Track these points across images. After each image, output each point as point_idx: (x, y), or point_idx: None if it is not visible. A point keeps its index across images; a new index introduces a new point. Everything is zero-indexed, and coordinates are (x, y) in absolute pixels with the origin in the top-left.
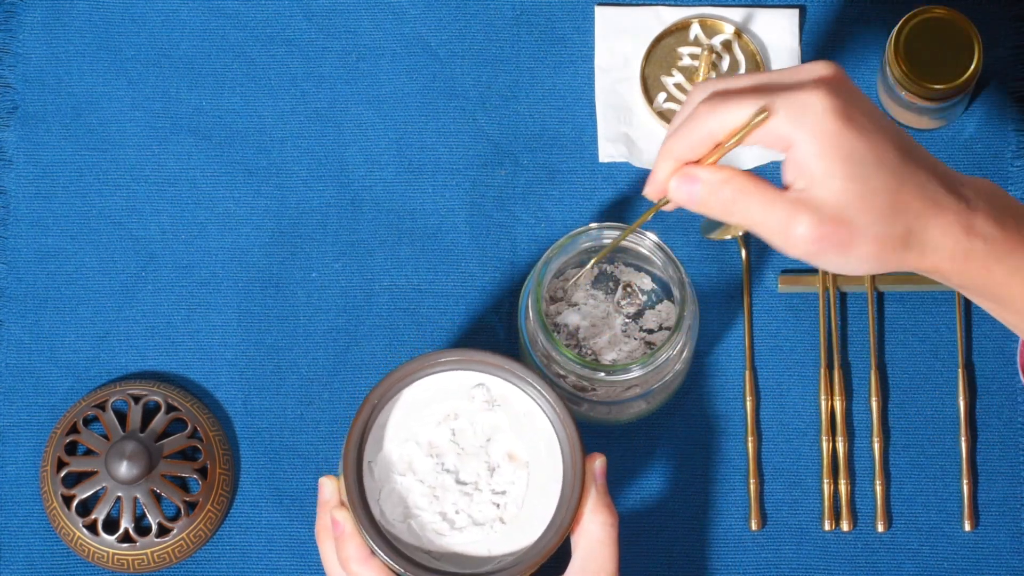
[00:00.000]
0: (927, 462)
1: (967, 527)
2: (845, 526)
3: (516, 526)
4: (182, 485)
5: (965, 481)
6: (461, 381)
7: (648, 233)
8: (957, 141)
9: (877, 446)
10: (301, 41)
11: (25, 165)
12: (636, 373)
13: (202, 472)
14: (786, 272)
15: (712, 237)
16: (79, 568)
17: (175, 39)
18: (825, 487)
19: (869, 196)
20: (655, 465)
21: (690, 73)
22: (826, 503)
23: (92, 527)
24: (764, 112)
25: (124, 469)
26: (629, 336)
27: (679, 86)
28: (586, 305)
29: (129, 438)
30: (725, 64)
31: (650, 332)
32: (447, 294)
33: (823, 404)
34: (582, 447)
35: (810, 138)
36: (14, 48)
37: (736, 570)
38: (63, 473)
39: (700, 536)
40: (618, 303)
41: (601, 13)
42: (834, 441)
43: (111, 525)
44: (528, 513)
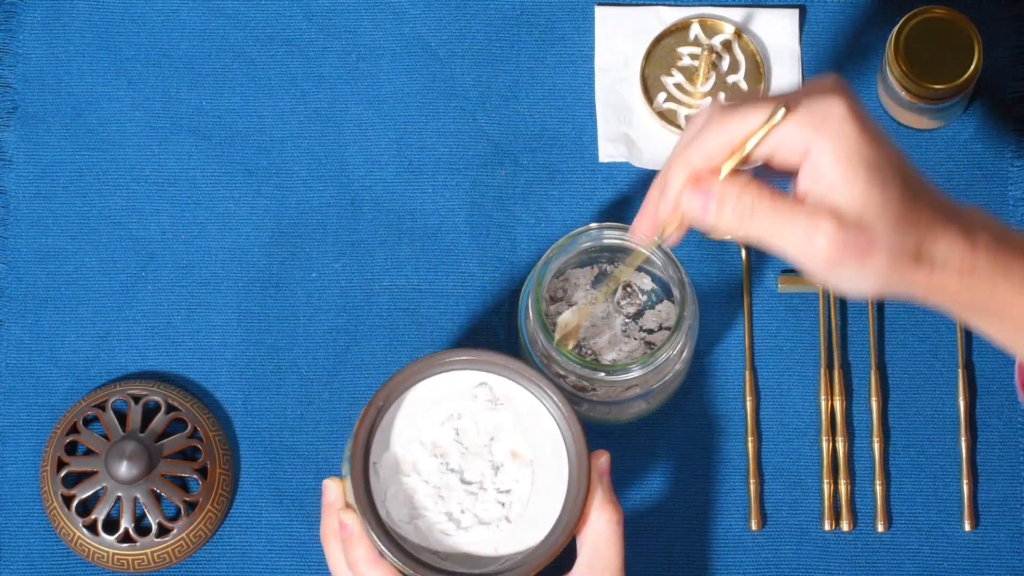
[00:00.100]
0: (927, 462)
1: (967, 527)
2: (845, 526)
3: (522, 525)
4: (182, 485)
5: (965, 481)
6: (464, 381)
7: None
8: (957, 141)
9: (877, 446)
10: (301, 41)
11: (25, 165)
12: (636, 373)
13: (202, 472)
14: (786, 272)
15: (713, 236)
16: (79, 568)
17: (175, 39)
18: (825, 487)
19: (887, 204)
20: (655, 465)
21: (690, 73)
22: (826, 503)
23: (92, 527)
24: (783, 109)
25: (124, 469)
26: (629, 336)
27: (679, 86)
28: None
29: (129, 438)
30: (725, 64)
31: (650, 332)
32: (447, 294)
33: (823, 404)
34: (587, 444)
35: (830, 143)
36: (14, 48)
37: (736, 570)
38: (63, 473)
39: (700, 536)
40: (618, 303)
41: (601, 13)
42: (834, 441)
43: (111, 525)
44: (533, 511)
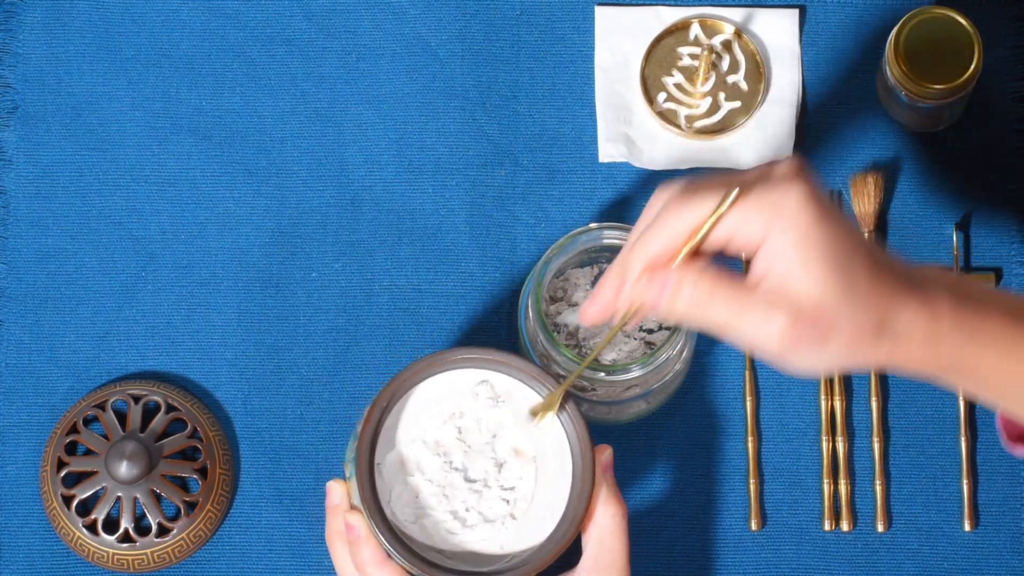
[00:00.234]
0: (927, 462)
1: (967, 527)
2: (845, 526)
3: (527, 522)
4: (182, 485)
5: (965, 481)
6: (464, 379)
7: None
8: (957, 141)
9: (877, 446)
10: (301, 41)
11: (25, 165)
12: (636, 373)
13: (202, 472)
14: None
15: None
16: (79, 568)
17: (175, 39)
18: (825, 487)
19: (847, 288)
20: (655, 465)
21: (690, 73)
22: (826, 503)
23: (92, 527)
24: (735, 191)
25: (124, 469)
26: (629, 336)
27: (679, 86)
28: None
29: (129, 438)
30: (725, 64)
31: (650, 332)
32: (447, 294)
33: (823, 404)
34: (590, 439)
35: (788, 229)
36: (14, 48)
37: (736, 570)
38: (63, 473)
39: (700, 536)
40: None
41: (601, 13)
42: (834, 441)
43: (111, 525)
44: (538, 508)
